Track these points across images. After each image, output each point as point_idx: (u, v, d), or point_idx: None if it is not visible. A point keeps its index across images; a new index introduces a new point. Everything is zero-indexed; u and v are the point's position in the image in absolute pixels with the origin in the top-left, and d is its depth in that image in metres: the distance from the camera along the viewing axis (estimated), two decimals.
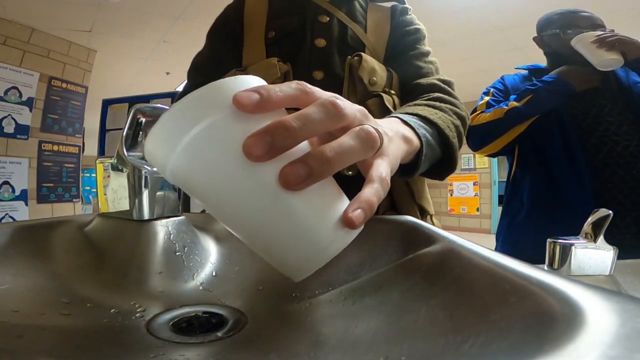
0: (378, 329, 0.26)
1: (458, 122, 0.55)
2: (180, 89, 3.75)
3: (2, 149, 2.52)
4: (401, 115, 0.44)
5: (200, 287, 0.36)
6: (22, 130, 2.63)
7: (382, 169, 0.27)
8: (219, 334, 0.28)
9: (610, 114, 0.98)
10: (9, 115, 2.55)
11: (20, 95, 2.62)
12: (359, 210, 0.24)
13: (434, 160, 0.50)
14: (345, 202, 0.25)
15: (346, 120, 0.25)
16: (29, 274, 0.32)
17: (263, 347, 0.27)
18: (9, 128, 2.56)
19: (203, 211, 0.65)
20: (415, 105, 0.55)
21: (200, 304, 0.33)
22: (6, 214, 2.53)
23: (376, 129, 0.27)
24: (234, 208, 0.23)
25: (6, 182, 2.53)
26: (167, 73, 3.68)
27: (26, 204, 2.64)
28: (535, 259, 0.47)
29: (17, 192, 2.60)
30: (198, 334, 0.28)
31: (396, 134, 0.35)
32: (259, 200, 0.23)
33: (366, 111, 0.29)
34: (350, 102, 0.29)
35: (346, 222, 0.24)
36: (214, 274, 0.38)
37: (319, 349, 0.25)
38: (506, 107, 1.02)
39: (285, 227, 0.23)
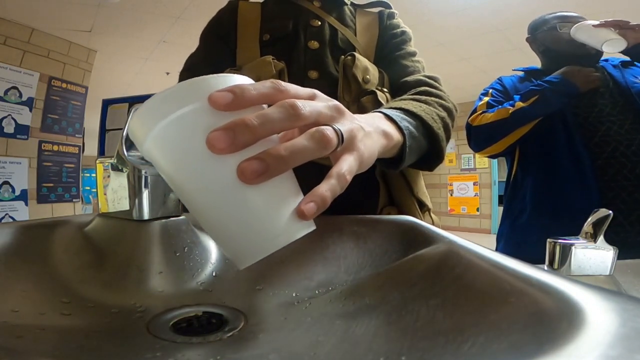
0: (378, 329, 0.26)
1: (444, 114, 0.57)
2: None
3: (2, 149, 2.52)
4: (384, 110, 0.45)
5: (201, 287, 0.36)
6: (22, 130, 2.63)
7: (345, 165, 0.28)
8: (219, 334, 0.28)
9: (612, 114, 0.99)
10: (9, 115, 2.55)
11: (20, 95, 2.62)
12: (312, 204, 0.26)
13: (421, 152, 0.51)
14: (300, 198, 0.27)
15: (304, 120, 0.26)
16: (29, 274, 0.32)
17: (263, 347, 0.27)
18: (9, 128, 2.56)
19: None
20: (400, 100, 0.56)
21: (201, 304, 0.33)
22: (6, 214, 2.52)
23: (335, 130, 0.28)
24: (194, 192, 0.26)
25: (6, 182, 2.53)
26: (167, 73, 3.68)
27: (26, 204, 2.64)
28: (539, 259, 0.47)
29: (17, 192, 2.60)
30: (198, 334, 0.28)
31: (375, 130, 0.37)
32: (218, 189, 0.25)
33: (340, 107, 0.30)
34: (319, 100, 0.30)
35: (299, 214, 0.26)
36: (214, 274, 0.38)
37: (319, 349, 0.25)
38: (512, 108, 1.02)
39: (238, 215, 0.25)
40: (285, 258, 0.39)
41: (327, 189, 0.27)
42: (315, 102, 0.28)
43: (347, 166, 0.28)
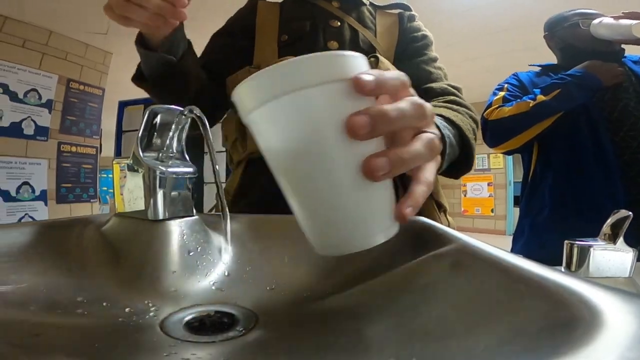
0: (389, 330, 0.26)
1: (474, 125, 0.58)
2: None
3: (22, 150, 2.58)
4: None
5: (213, 287, 0.36)
6: (41, 132, 2.69)
7: (429, 172, 0.29)
8: (231, 333, 0.28)
9: (637, 108, 0.97)
10: (28, 117, 2.61)
11: (40, 98, 2.68)
12: (411, 208, 0.27)
13: (452, 160, 0.52)
14: (394, 200, 0.27)
15: (426, 122, 0.27)
16: (47, 273, 0.33)
17: (274, 347, 0.27)
18: (29, 130, 2.62)
19: (212, 210, 0.66)
20: (435, 106, 0.57)
21: (213, 304, 0.33)
22: (26, 214, 2.59)
23: (439, 138, 0.29)
24: (304, 172, 0.25)
25: (26, 183, 2.59)
26: None
27: (45, 204, 2.70)
28: (560, 259, 0.46)
29: (37, 193, 2.66)
30: (210, 334, 0.28)
31: None
32: (337, 173, 0.24)
33: (433, 113, 0.31)
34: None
35: (400, 216, 0.27)
36: (226, 273, 0.38)
37: (330, 349, 0.25)
38: (532, 101, 1.00)
39: (346, 204, 0.25)
40: (297, 257, 0.39)
41: (421, 194, 0.28)
42: (427, 104, 0.29)
43: (431, 173, 0.29)
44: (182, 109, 0.40)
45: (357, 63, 0.25)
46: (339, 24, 0.69)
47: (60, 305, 0.29)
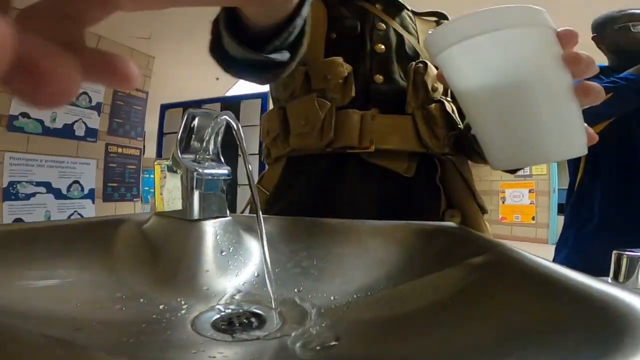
0: (415, 338, 0.25)
1: None
2: (229, 93, 3.87)
3: (73, 150, 2.73)
4: None
5: (242, 287, 0.37)
6: (91, 133, 2.83)
7: None
8: (258, 333, 0.29)
9: None
10: (80, 119, 2.76)
11: (90, 100, 2.83)
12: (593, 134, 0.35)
13: None
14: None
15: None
16: (91, 269, 0.35)
17: (299, 349, 0.27)
18: (80, 131, 2.77)
19: (243, 212, 0.67)
20: None
21: (242, 304, 0.34)
22: (75, 211, 2.74)
23: None
24: (521, 95, 0.31)
25: (76, 182, 2.75)
26: (217, 78, 3.79)
27: (93, 202, 2.84)
28: (606, 272, 0.44)
29: (86, 191, 2.80)
30: (238, 333, 0.29)
31: None
32: (549, 95, 0.31)
33: None
34: None
35: (592, 137, 0.35)
36: (255, 274, 0.39)
37: (355, 352, 0.25)
38: None
39: (560, 119, 0.32)
40: (325, 260, 0.39)
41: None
42: None
43: None
44: (218, 112, 0.41)
45: (550, 18, 0.31)
46: (384, 27, 0.68)
47: (101, 300, 0.31)
